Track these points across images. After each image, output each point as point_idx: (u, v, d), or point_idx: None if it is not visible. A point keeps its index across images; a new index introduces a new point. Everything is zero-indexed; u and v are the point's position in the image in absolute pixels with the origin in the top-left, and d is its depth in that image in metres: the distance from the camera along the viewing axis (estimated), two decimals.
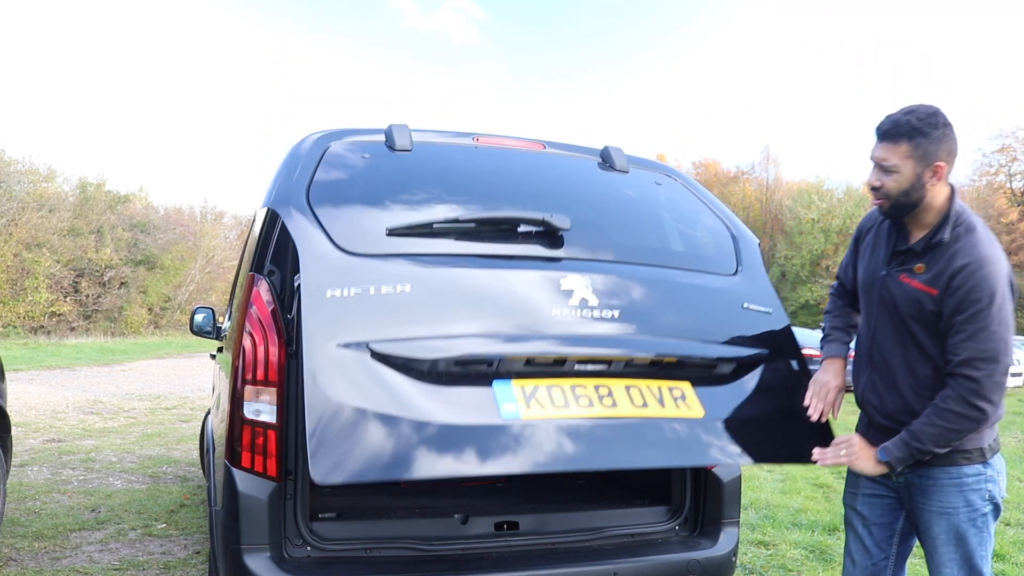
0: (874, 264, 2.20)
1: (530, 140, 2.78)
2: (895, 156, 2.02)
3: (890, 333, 2.14)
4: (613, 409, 2.10)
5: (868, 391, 2.22)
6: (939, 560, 2.11)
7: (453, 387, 2.05)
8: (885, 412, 2.16)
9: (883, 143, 2.05)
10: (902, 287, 2.09)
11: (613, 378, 2.20)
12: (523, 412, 2.01)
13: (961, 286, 1.96)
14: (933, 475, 2.09)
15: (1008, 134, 50.23)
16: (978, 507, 2.07)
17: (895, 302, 2.11)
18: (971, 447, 2.06)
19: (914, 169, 2.01)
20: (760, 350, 2.44)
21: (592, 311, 2.20)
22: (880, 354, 2.17)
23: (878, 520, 2.25)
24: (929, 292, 2.02)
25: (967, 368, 1.94)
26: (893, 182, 2.03)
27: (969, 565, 2.08)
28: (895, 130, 2.02)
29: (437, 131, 2.69)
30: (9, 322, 27.48)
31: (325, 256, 2.12)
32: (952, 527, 2.08)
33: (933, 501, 2.09)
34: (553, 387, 2.11)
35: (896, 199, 2.05)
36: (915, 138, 2.00)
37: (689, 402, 2.23)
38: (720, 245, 2.72)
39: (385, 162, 2.50)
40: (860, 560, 2.28)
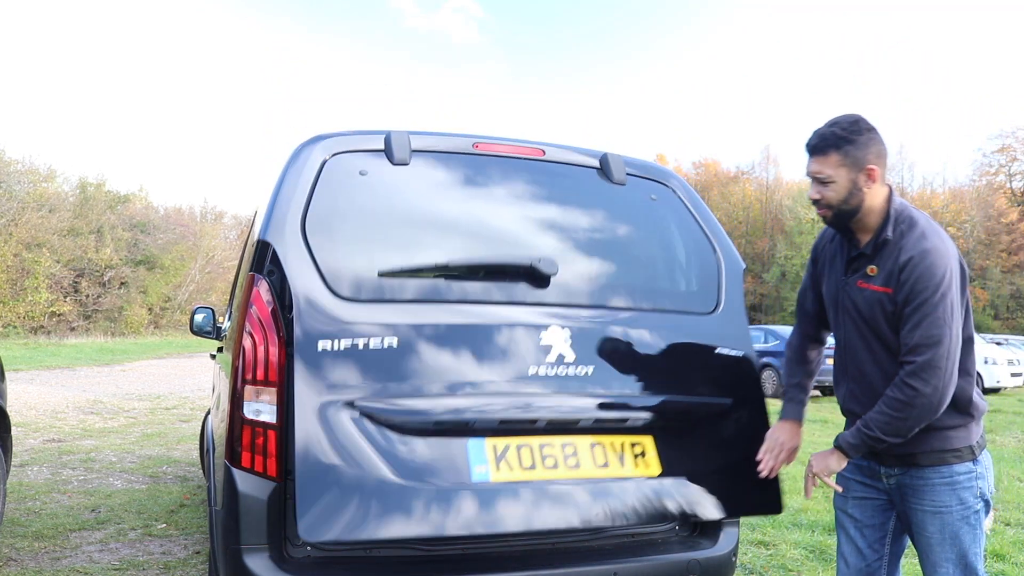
0: (835, 276, 2.26)
1: (530, 146, 2.71)
2: (827, 167, 2.10)
3: (858, 341, 2.18)
4: (575, 470, 2.26)
5: (849, 401, 2.25)
6: (934, 560, 2.11)
7: (432, 446, 2.18)
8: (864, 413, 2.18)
9: (815, 157, 2.14)
10: (862, 293, 2.14)
11: (580, 435, 2.33)
12: (492, 474, 2.18)
13: (907, 279, 2.02)
14: (925, 475, 2.10)
15: (1008, 134, 50.29)
16: (970, 504, 2.09)
17: (858, 309, 2.16)
18: (961, 445, 2.09)
19: (848, 176, 2.09)
20: (724, 400, 2.54)
21: (568, 367, 2.33)
22: (854, 363, 2.20)
23: (870, 521, 2.26)
24: (885, 292, 2.08)
25: (911, 354, 2.00)
26: (831, 192, 2.11)
27: (964, 563, 2.09)
28: (823, 143, 2.11)
29: (436, 136, 2.61)
30: (9, 322, 27.48)
31: (318, 303, 2.19)
32: (946, 526, 2.08)
33: (926, 501, 2.10)
34: (523, 445, 2.25)
35: (837, 208, 2.13)
36: (843, 147, 2.08)
37: (648, 459, 2.37)
38: (704, 276, 2.74)
39: (383, 181, 2.45)
40: (854, 562, 2.28)
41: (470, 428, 2.22)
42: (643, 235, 2.75)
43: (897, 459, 2.14)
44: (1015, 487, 6.21)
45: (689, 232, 2.79)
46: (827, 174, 2.10)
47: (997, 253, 47.29)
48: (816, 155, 2.13)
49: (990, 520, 5.27)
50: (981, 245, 47.98)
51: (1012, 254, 46.94)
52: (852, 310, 2.18)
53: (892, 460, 2.16)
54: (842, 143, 2.08)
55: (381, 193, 2.44)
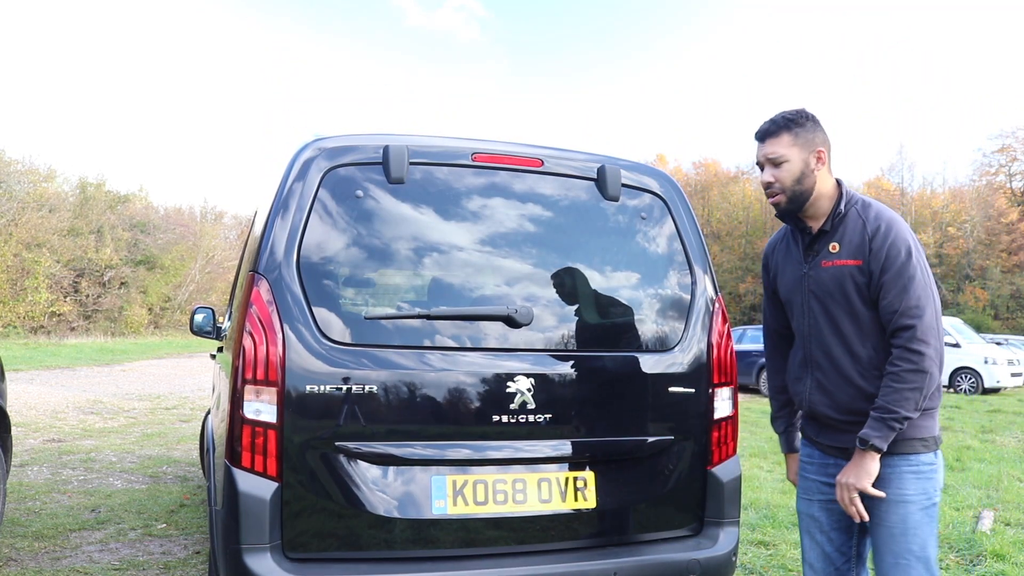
0: (792, 270, 2.31)
1: (528, 156, 2.68)
2: (781, 147, 2.20)
3: (826, 324, 2.20)
4: (522, 505, 2.48)
5: (815, 393, 2.23)
6: (896, 551, 2.10)
7: (402, 480, 2.41)
8: (839, 407, 2.17)
9: (767, 141, 2.24)
10: (828, 271, 2.18)
11: (530, 471, 2.52)
12: (449, 508, 2.41)
13: (880, 247, 2.09)
14: (894, 463, 2.10)
15: (1008, 134, 50.25)
16: (931, 496, 2.11)
17: (825, 288, 2.19)
18: (927, 435, 2.13)
19: (800, 156, 2.19)
20: (667, 437, 2.69)
21: (528, 415, 2.50)
22: (821, 349, 2.21)
23: (836, 525, 2.26)
24: (854, 264, 2.13)
25: (903, 319, 2.04)
26: (785, 173, 2.20)
27: (924, 555, 2.09)
28: (774, 127, 2.22)
29: (434, 146, 2.58)
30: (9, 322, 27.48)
31: (310, 348, 2.33)
32: (908, 516, 2.09)
33: (891, 489, 2.10)
34: (479, 481, 2.46)
35: (792, 189, 2.20)
36: (792, 128, 2.20)
37: (587, 493, 2.57)
38: (674, 310, 2.78)
39: (377, 204, 2.46)
40: (821, 567, 2.27)
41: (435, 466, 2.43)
42: (623, 265, 2.76)
43: None
44: (1015, 487, 6.21)
45: (671, 259, 2.81)
46: (780, 153, 2.19)
47: (997, 253, 47.29)
48: (768, 138, 2.23)
49: (990, 520, 5.28)
50: (981, 245, 47.99)
51: (1012, 254, 46.93)
52: (818, 292, 2.21)
53: None
54: (792, 125, 2.20)
55: (376, 217, 2.46)
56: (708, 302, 2.79)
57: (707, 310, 2.79)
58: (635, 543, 2.63)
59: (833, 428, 2.22)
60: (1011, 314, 44.23)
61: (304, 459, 2.30)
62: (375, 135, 2.57)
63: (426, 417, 2.43)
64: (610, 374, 2.64)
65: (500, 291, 2.55)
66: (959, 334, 18.72)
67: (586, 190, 2.74)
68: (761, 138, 2.25)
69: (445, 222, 2.54)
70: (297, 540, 2.29)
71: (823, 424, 2.25)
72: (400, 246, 2.48)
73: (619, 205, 2.76)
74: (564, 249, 2.68)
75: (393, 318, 2.45)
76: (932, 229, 49.47)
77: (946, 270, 48.60)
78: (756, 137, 2.28)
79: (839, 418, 2.18)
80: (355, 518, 2.33)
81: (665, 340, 2.74)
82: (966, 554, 4.32)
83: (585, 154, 2.81)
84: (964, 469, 7.07)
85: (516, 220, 2.62)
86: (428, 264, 2.53)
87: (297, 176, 2.42)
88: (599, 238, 2.73)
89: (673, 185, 2.89)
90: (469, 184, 2.59)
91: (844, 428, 2.18)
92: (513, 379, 2.49)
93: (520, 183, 2.65)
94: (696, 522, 2.73)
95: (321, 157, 2.45)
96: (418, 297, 2.54)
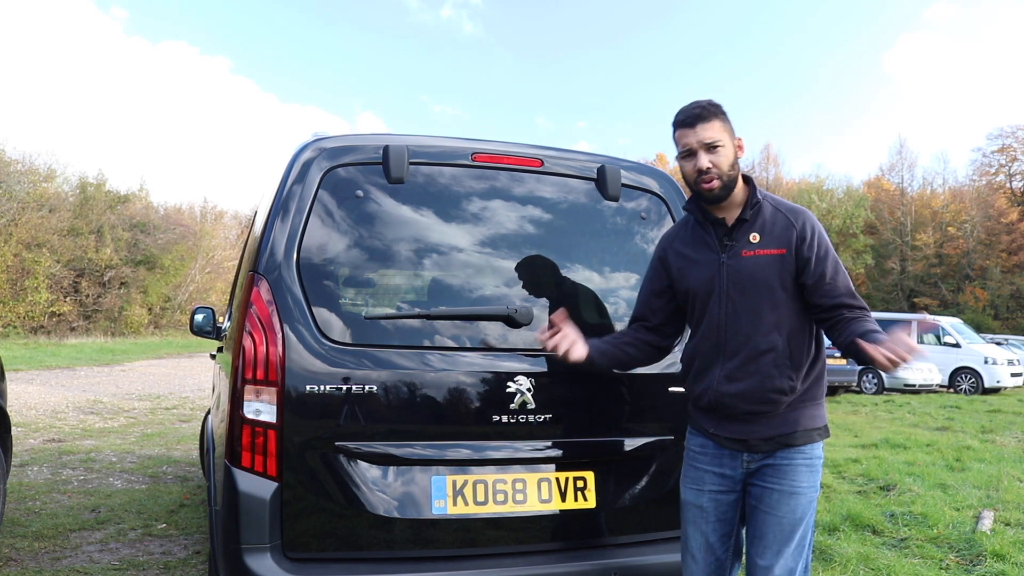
0: (706, 260, 2.25)
1: (528, 157, 2.68)
2: (716, 132, 2.17)
3: (745, 313, 2.17)
4: (521, 505, 2.48)
5: (723, 384, 2.19)
6: (781, 539, 2.13)
7: (402, 480, 2.40)
8: (748, 397, 2.16)
9: (698, 125, 2.17)
10: (749, 261, 2.18)
11: (530, 471, 2.52)
12: (449, 508, 2.40)
13: (811, 235, 2.16)
14: (791, 456, 2.16)
15: (1008, 134, 50.27)
16: (817, 487, 2.18)
17: (746, 277, 2.17)
18: (820, 424, 2.20)
19: (730, 142, 2.20)
20: (666, 437, 2.68)
21: (528, 415, 2.49)
22: (737, 339, 2.17)
23: (722, 516, 2.26)
24: (778, 253, 2.16)
25: (851, 299, 2.13)
26: (722, 157, 2.17)
27: (803, 544, 2.16)
28: (704, 112, 2.18)
29: (434, 146, 2.57)
30: (9, 322, 27.48)
31: (310, 349, 2.32)
32: (798, 507, 2.14)
33: (786, 481, 2.15)
34: (479, 481, 2.45)
35: (726, 175, 2.18)
36: (719, 115, 2.19)
37: (587, 493, 2.57)
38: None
39: (377, 204, 2.46)
40: (703, 557, 2.27)
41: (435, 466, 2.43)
42: (623, 265, 2.76)
43: (770, 443, 2.16)
44: (1015, 487, 6.20)
45: None
46: (716, 137, 2.16)
47: (997, 253, 47.29)
48: (700, 123, 2.18)
49: (990, 520, 5.28)
50: (981, 245, 47.99)
51: (1012, 254, 46.93)
52: (738, 282, 2.18)
53: (764, 445, 2.17)
54: (718, 111, 2.20)
55: (376, 216, 2.46)
56: None
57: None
58: (635, 543, 2.63)
59: (736, 420, 2.19)
60: (1011, 314, 44.23)
61: (304, 459, 2.30)
62: (375, 135, 2.57)
63: (426, 417, 2.43)
64: (610, 374, 2.64)
65: (500, 291, 2.55)
66: (959, 334, 18.73)
67: (586, 190, 2.74)
68: (692, 123, 2.18)
69: (445, 222, 2.54)
70: (297, 540, 2.29)
71: (725, 416, 2.22)
72: (400, 246, 2.48)
73: (619, 205, 2.76)
74: (564, 249, 2.68)
75: (393, 318, 2.45)
76: (932, 229, 49.47)
77: (946, 270, 48.61)
78: (684, 123, 2.19)
79: (746, 408, 2.16)
80: (355, 518, 2.33)
81: None
82: (966, 554, 4.32)
83: (585, 154, 2.81)
84: (964, 469, 7.07)
85: (516, 220, 2.62)
86: (428, 264, 2.53)
87: (297, 176, 2.42)
88: (599, 238, 2.73)
89: (673, 185, 2.89)
90: (469, 184, 2.59)
91: (748, 419, 2.17)
92: (513, 379, 2.49)
93: (520, 183, 2.66)
94: None
95: (321, 157, 2.45)
96: (418, 297, 2.54)
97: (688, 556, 2.31)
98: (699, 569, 2.28)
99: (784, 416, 2.15)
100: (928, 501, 5.55)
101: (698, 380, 2.28)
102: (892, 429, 10.19)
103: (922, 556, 4.31)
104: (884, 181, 54.53)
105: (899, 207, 51.39)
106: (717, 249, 2.24)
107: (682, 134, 2.21)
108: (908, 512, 5.22)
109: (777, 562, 2.14)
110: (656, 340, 2.41)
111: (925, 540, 4.60)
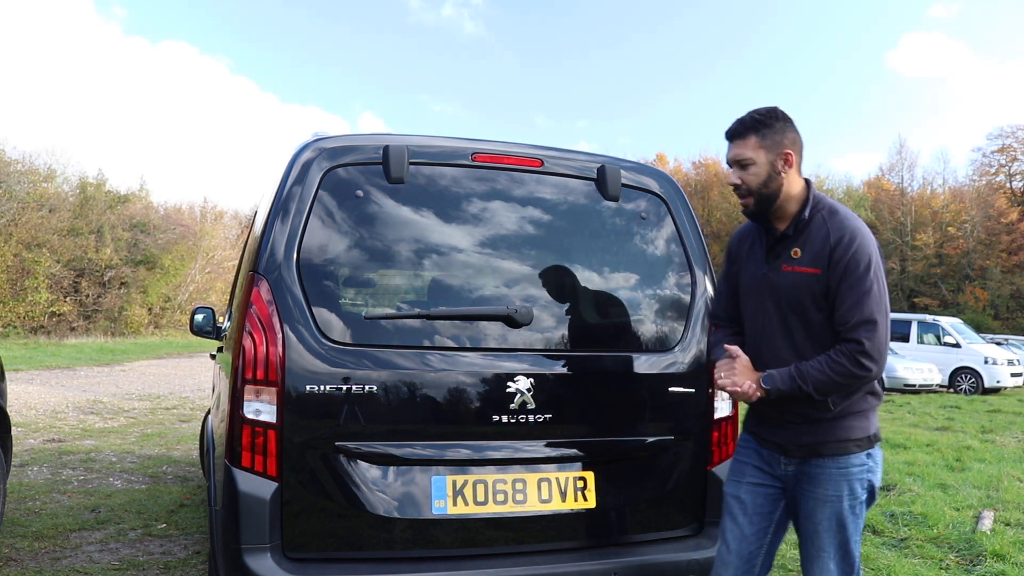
0: (754, 267, 2.30)
1: (528, 157, 2.68)
2: (747, 150, 2.17)
3: (778, 326, 2.21)
4: (521, 505, 2.48)
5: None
6: (819, 545, 2.18)
7: (402, 480, 2.41)
8: (780, 407, 2.20)
9: (734, 142, 2.21)
10: (786, 276, 2.18)
11: (530, 471, 2.53)
12: (449, 508, 2.41)
13: (841, 258, 2.09)
14: (824, 464, 2.16)
15: (1008, 134, 50.26)
16: (858, 495, 2.17)
17: (782, 292, 2.19)
18: (861, 436, 2.17)
19: (767, 159, 2.16)
20: (667, 437, 2.70)
21: (528, 415, 2.50)
22: (769, 351, 2.22)
23: (759, 509, 2.29)
24: (813, 273, 2.13)
25: (855, 332, 2.05)
26: (752, 176, 2.17)
27: (845, 550, 2.17)
28: (741, 128, 2.19)
29: (434, 146, 2.57)
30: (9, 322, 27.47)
31: (310, 349, 2.33)
32: (835, 514, 2.15)
33: (820, 489, 2.17)
34: (479, 481, 2.46)
35: (758, 192, 2.18)
36: (760, 130, 2.17)
37: (587, 493, 2.57)
38: (675, 310, 2.78)
39: (377, 204, 2.46)
40: (736, 547, 2.29)
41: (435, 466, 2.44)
42: (623, 265, 2.76)
43: (802, 449, 2.18)
44: (1015, 487, 6.20)
45: (671, 259, 2.81)
46: (747, 156, 2.17)
47: (997, 253, 47.27)
48: (736, 139, 2.20)
49: (990, 520, 5.27)
50: (981, 245, 47.96)
51: (1012, 254, 46.90)
52: (775, 296, 2.20)
53: (797, 451, 2.19)
54: (759, 126, 2.17)
55: (376, 216, 2.46)
56: (708, 302, 2.79)
57: (707, 310, 2.78)
58: (635, 543, 2.63)
59: (773, 423, 2.25)
60: (1011, 314, 44.21)
61: (304, 459, 2.31)
62: (375, 135, 2.57)
63: (426, 417, 2.43)
64: (610, 374, 2.64)
65: (500, 291, 2.55)
66: (959, 334, 18.73)
67: (586, 190, 2.74)
68: (729, 138, 2.23)
69: (445, 222, 2.54)
70: (297, 540, 2.29)
71: (764, 417, 2.29)
72: (400, 246, 2.48)
73: (619, 205, 2.76)
74: (564, 249, 2.68)
75: (393, 318, 2.45)
76: (932, 229, 49.44)
77: (946, 270, 48.59)
78: (726, 136, 2.25)
79: (781, 417, 2.22)
80: (355, 518, 2.33)
81: (665, 340, 2.74)
82: (966, 554, 4.32)
83: (585, 154, 2.81)
84: (964, 469, 7.07)
85: (516, 220, 2.62)
86: (428, 264, 2.53)
87: (297, 176, 2.42)
88: (599, 238, 2.73)
89: (673, 185, 2.89)
90: (469, 184, 2.59)
91: (785, 424, 2.22)
92: (513, 379, 2.49)
93: (520, 183, 2.66)
94: (696, 522, 2.74)
95: (321, 157, 2.45)
96: (418, 297, 2.54)
97: (722, 544, 2.34)
98: (731, 558, 2.29)
99: (821, 426, 2.16)
100: (928, 501, 5.55)
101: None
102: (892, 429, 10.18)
103: (922, 556, 4.31)
104: (884, 181, 54.50)
105: (899, 207, 51.37)
106: (763, 259, 2.26)
107: (727, 147, 2.25)
108: (908, 512, 5.22)
109: (816, 569, 2.18)
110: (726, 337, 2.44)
111: (925, 540, 4.60)
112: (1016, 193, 50.20)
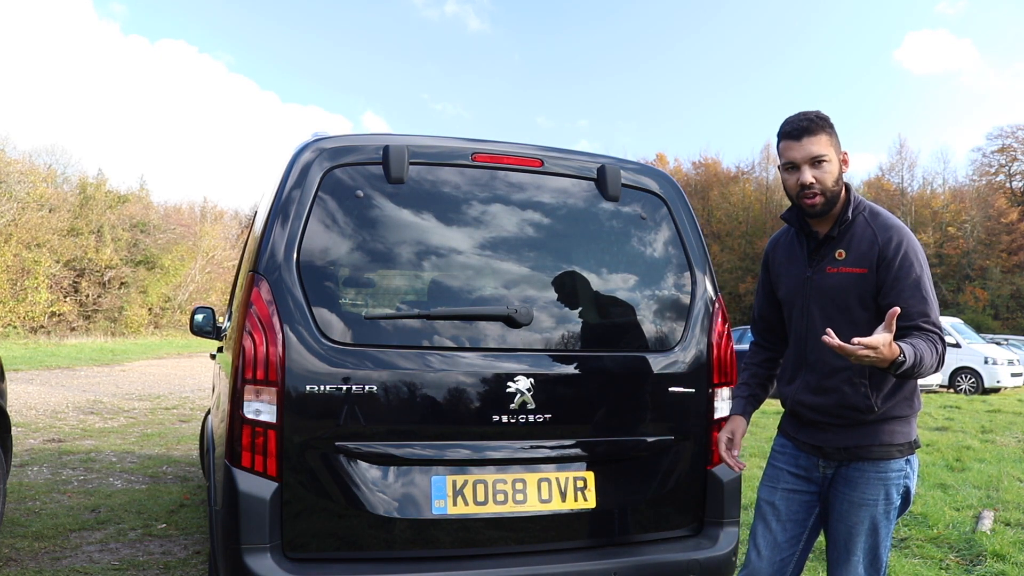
0: (796, 272, 2.28)
1: (528, 157, 2.67)
2: (822, 147, 2.12)
3: (822, 328, 2.13)
4: (521, 505, 2.48)
5: (802, 393, 2.24)
6: (850, 548, 2.16)
7: (402, 480, 2.41)
8: (823, 410, 2.19)
9: (804, 139, 2.12)
10: (832, 278, 2.17)
11: (530, 471, 2.52)
12: (449, 508, 2.41)
13: (894, 259, 2.07)
14: (863, 468, 2.15)
15: (1008, 134, 50.28)
16: (893, 500, 2.15)
17: (828, 295, 2.17)
18: (903, 441, 2.15)
19: (836, 157, 2.15)
20: (667, 437, 2.69)
21: (528, 415, 2.50)
22: (815, 353, 2.20)
23: (793, 516, 2.27)
24: (859, 272, 2.12)
25: (924, 322, 2.03)
26: (827, 173, 2.12)
27: (875, 554, 2.16)
28: (811, 125, 2.12)
29: (434, 147, 2.57)
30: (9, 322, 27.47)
31: (310, 349, 2.32)
32: (870, 518, 2.14)
33: (856, 492, 2.15)
34: (479, 481, 2.46)
35: (830, 190, 2.13)
36: (827, 129, 2.14)
37: (587, 493, 2.57)
38: (675, 310, 2.78)
39: (377, 204, 2.46)
40: (768, 554, 2.27)
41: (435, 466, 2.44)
42: (623, 265, 2.76)
43: (843, 452, 2.17)
44: (1015, 487, 6.20)
45: (671, 259, 2.80)
46: (823, 152, 2.11)
47: (997, 253, 47.28)
48: (807, 136, 2.12)
49: (990, 520, 5.27)
50: (981, 245, 47.97)
51: (1012, 254, 46.91)
52: (820, 298, 2.19)
53: (837, 454, 2.18)
54: (825, 125, 2.14)
55: (376, 217, 2.46)
56: (708, 302, 2.79)
57: (707, 310, 2.78)
58: (635, 543, 2.63)
59: (814, 426, 2.23)
60: (1011, 314, 44.21)
61: (304, 459, 2.31)
62: (375, 135, 2.57)
63: (426, 417, 2.43)
64: (610, 374, 2.64)
65: (500, 291, 2.55)
66: (959, 334, 18.72)
67: (586, 190, 2.73)
68: (798, 136, 2.13)
69: (445, 223, 2.54)
70: (297, 540, 2.29)
71: (804, 422, 2.27)
72: (400, 246, 2.48)
73: (619, 206, 2.76)
74: (564, 249, 2.68)
75: (393, 318, 2.45)
76: (932, 229, 49.44)
77: (946, 270, 48.58)
78: (790, 135, 2.15)
79: (822, 420, 2.20)
80: (355, 518, 2.33)
81: (665, 340, 2.74)
82: (966, 554, 4.32)
83: (585, 154, 2.81)
84: (964, 469, 7.07)
85: (516, 220, 2.62)
86: (428, 264, 2.53)
87: (297, 176, 2.42)
88: (599, 238, 2.73)
89: (673, 185, 2.89)
90: (469, 185, 2.59)
91: (824, 427, 2.21)
92: (513, 379, 2.49)
93: (520, 184, 2.65)
94: (696, 522, 2.74)
95: (321, 157, 2.45)
96: (418, 297, 2.54)
97: (753, 550, 2.31)
98: (762, 564, 2.27)
99: (862, 429, 2.15)
100: (928, 501, 5.55)
101: (784, 386, 2.33)
102: None
103: (922, 556, 4.30)
104: (884, 181, 54.50)
105: (899, 207, 51.35)
106: (805, 262, 2.25)
107: (787, 146, 2.16)
108: (908, 512, 5.22)
109: (845, 572, 2.17)
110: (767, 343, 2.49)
111: (925, 540, 4.60)
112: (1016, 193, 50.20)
